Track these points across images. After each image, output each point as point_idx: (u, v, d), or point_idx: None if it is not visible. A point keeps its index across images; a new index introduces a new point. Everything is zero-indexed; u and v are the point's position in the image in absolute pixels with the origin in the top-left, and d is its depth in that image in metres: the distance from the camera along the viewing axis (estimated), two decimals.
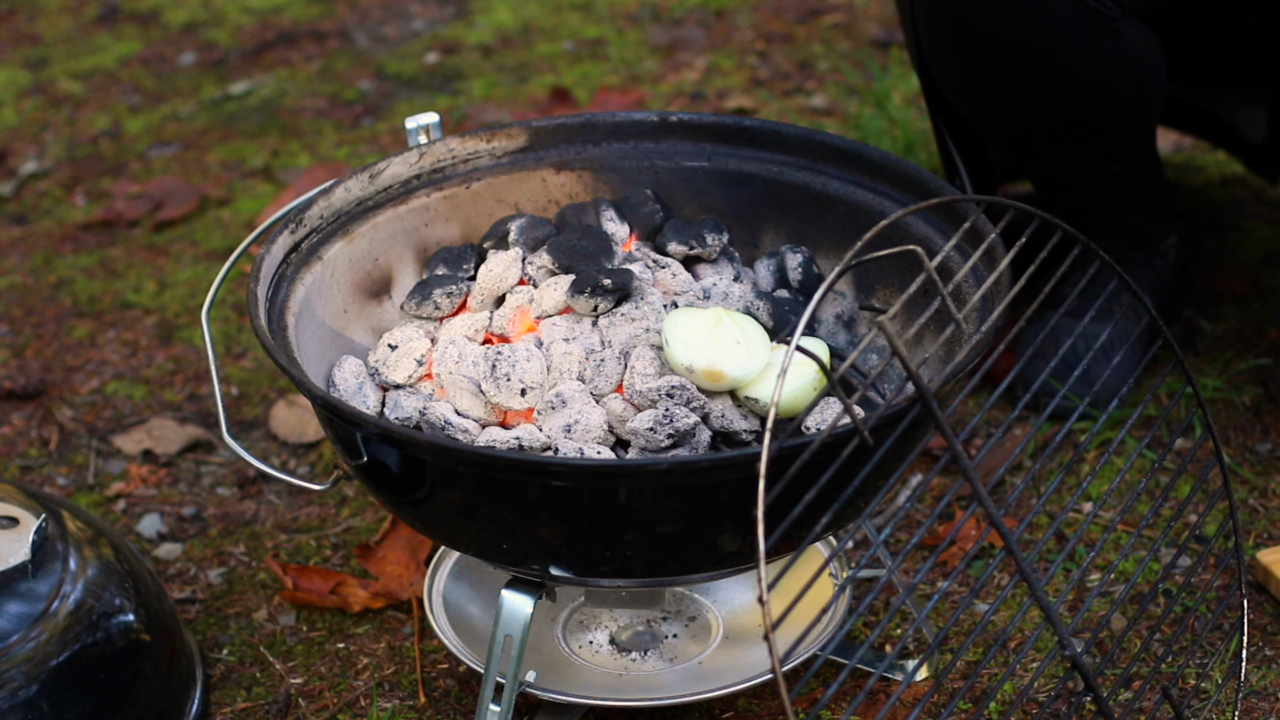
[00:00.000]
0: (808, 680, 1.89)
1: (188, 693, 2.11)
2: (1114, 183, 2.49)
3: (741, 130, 2.18)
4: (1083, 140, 2.42)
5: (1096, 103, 2.37)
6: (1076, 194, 2.50)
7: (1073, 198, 2.50)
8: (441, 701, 2.15)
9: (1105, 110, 2.39)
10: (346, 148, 3.32)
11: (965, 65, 2.37)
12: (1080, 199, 2.50)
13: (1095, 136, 2.42)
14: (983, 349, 1.79)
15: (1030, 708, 2.09)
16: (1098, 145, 2.43)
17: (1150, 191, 2.57)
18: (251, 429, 2.61)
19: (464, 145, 2.16)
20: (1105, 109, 2.38)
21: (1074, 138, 2.42)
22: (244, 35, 3.73)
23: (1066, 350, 2.15)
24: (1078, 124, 2.40)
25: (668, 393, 1.90)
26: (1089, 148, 2.44)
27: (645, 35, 3.63)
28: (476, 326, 2.05)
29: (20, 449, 2.60)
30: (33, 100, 3.53)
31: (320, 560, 2.37)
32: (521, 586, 1.91)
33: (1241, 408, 2.52)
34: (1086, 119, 2.39)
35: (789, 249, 2.13)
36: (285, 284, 1.99)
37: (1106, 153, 2.45)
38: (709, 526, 1.80)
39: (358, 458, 1.85)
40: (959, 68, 2.38)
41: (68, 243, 3.08)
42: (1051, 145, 2.44)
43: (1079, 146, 2.43)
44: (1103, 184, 2.49)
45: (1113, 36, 2.31)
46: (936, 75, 2.43)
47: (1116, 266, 1.90)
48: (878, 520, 2.32)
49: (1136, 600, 2.24)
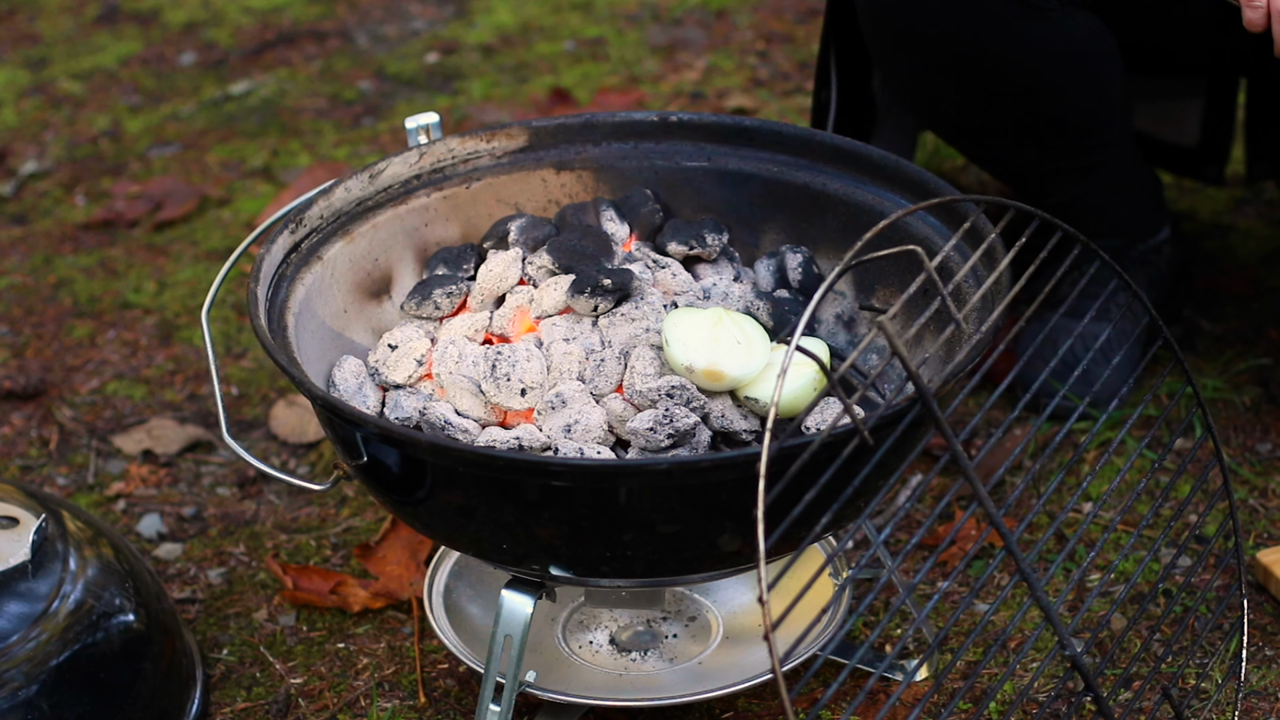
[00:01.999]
0: (808, 680, 1.89)
1: (188, 693, 2.11)
2: (1088, 177, 2.47)
3: (741, 130, 2.18)
4: (1041, 137, 2.41)
5: (1045, 97, 2.36)
6: (1053, 193, 2.48)
7: (1050, 198, 2.49)
8: (441, 701, 2.15)
9: (1057, 104, 2.37)
10: (346, 148, 3.31)
11: (912, 70, 2.36)
12: (1058, 198, 2.48)
13: (1054, 132, 2.41)
14: (983, 349, 1.79)
15: (1030, 708, 2.09)
16: (1059, 141, 2.42)
17: (1133, 183, 2.55)
18: (251, 429, 2.61)
19: (464, 145, 2.16)
20: (1056, 103, 2.37)
21: (1032, 135, 2.41)
22: (244, 35, 3.73)
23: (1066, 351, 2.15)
24: (1032, 120, 2.38)
25: (668, 393, 1.90)
26: (1050, 144, 2.42)
27: (645, 35, 3.63)
28: (476, 326, 2.05)
29: (20, 449, 2.60)
30: (33, 100, 3.53)
31: (320, 560, 2.37)
32: (521, 586, 1.91)
33: (1241, 408, 2.52)
34: (1040, 114, 2.38)
35: (789, 249, 2.13)
36: (285, 284, 1.99)
37: (1071, 148, 2.43)
38: (709, 526, 1.80)
39: (358, 458, 1.85)
40: (907, 75, 2.38)
41: (68, 243, 3.08)
42: (1012, 144, 2.43)
43: (1039, 144, 2.42)
44: (1078, 180, 2.47)
45: (1051, 28, 2.30)
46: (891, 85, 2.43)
47: (1116, 267, 1.90)
48: (878, 520, 2.32)
49: (1136, 600, 2.24)
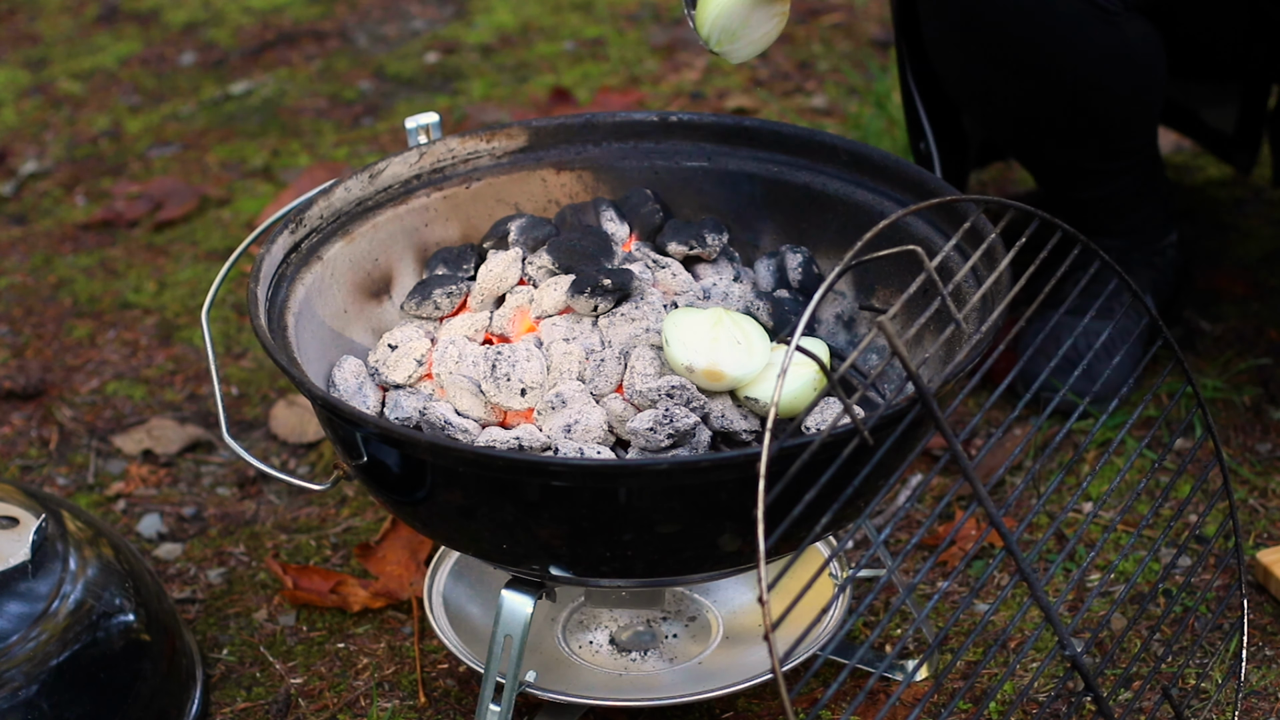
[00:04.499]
0: (808, 680, 1.89)
1: (188, 693, 2.11)
2: (1114, 181, 2.49)
3: (741, 130, 2.18)
4: (1083, 137, 2.42)
5: (1098, 98, 2.37)
6: (1076, 191, 2.50)
7: (1072, 194, 2.50)
8: (441, 701, 2.15)
9: (1106, 106, 2.39)
10: (346, 148, 3.31)
11: (969, 59, 2.36)
12: (1080, 196, 2.50)
13: (1096, 133, 2.42)
14: (983, 349, 1.79)
15: (1030, 708, 2.09)
16: (1098, 142, 2.43)
17: (1150, 191, 2.56)
18: (251, 429, 2.61)
19: (464, 145, 2.16)
20: (1106, 105, 2.38)
21: (1075, 133, 2.42)
22: (244, 35, 3.73)
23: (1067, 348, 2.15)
24: (1079, 119, 2.39)
25: (668, 393, 1.90)
26: (1089, 145, 2.44)
27: (645, 35, 3.63)
28: (476, 326, 2.05)
29: (20, 449, 2.60)
30: (33, 100, 3.53)
31: (320, 560, 2.37)
32: (521, 586, 1.91)
33: (1241, 408, 2.52)
34: (1088, 114, 2.39)
35: (789, 249, 2.13)
36: (285, 284, 1.99)
37: (1107, 150, 2.45)
38: (709, 526, 1.80)
39: (358, 458, 1.85)
40: (962, 61, 2.38)
41: (68, 243, 3.08)
42: (1052, 141, 2.44)
43: (1080, 143, 2.43)
44: (1103, 182, 2.49)
45: (1115, 31, 2.31)
46: (939, 67, 2.43)
47: (1116, 266, 1.90)
48: (878, 520, 2.32)
49: (1136, 600, 2.24)
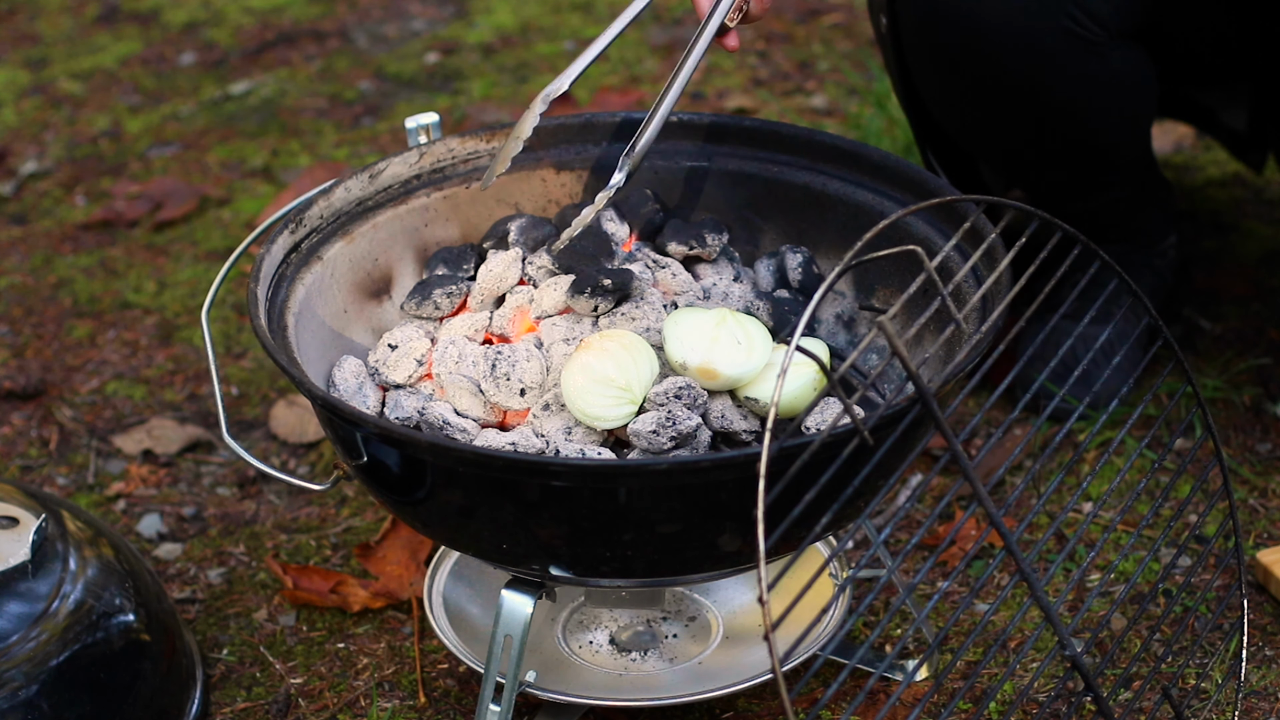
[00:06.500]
0: (808, 680, 1.89)
1: (188, 693, 2.11)
2: (1108, 193, 2.48)
3: (741, 130, 2.18)
4: (1073, 161, 2.41)
5: (1085, 126, 2.36)
6: (1071, 206, 2.49)
7: (1067, 209, 2.49)
8: (441, 701, 2.15)
9: (1095, 132, 2.37)
10: (346, 148, 3.31)
11: (950, 93, 2.36)
12: (1075, 209, 2.49)
13: (1085, 157, 2.41)
14: (983, 349, 1.79)
15: (1030, 708, 2.09)
16: (1088, 164, 2.42)
17: (1148, 196, 2.56)
18: (251, 429, 2.61)
19: (464, 145, 2.16)
20: (1094, 131, 2.37)
21: (1064, 159, 2.41)
22: (244, 35, 3.73)
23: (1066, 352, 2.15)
24: (1067, 146, 2.39)
25: (674, 394, 1.90)
26: (1080, 167, 2.43)
27: (645, 35, 3.63)
28: (476, 326, 2.05)
29: (20, 449, 2.60)
30: (33, 100, 3.53)
31: (320, 560, 2.37)
32: (521, 586, 1.91)
33: (1241, 408, 2.52)
34: (1076, 141, 2.38)
35: (789, 249, 2.13)
36: (285, 284, 1.99)
37: (1098, 170, 2.44)
38: (709, 526, 1.80)
39: (358, 458, 1.85)
40: (944, 95, 2.37)
41: (68, 243, 3.08)
42: (1042, 166, 2.43)
43: (1070, 166, 2.42)
44: (1097, 195, 2.48)
45: (1100, 62, 2.29)
46: (925, 98, 2.42)
47: (1117, 268, 1.90)
48: (878, 520, 2.32)
49: (1136, 600, 2.24)
